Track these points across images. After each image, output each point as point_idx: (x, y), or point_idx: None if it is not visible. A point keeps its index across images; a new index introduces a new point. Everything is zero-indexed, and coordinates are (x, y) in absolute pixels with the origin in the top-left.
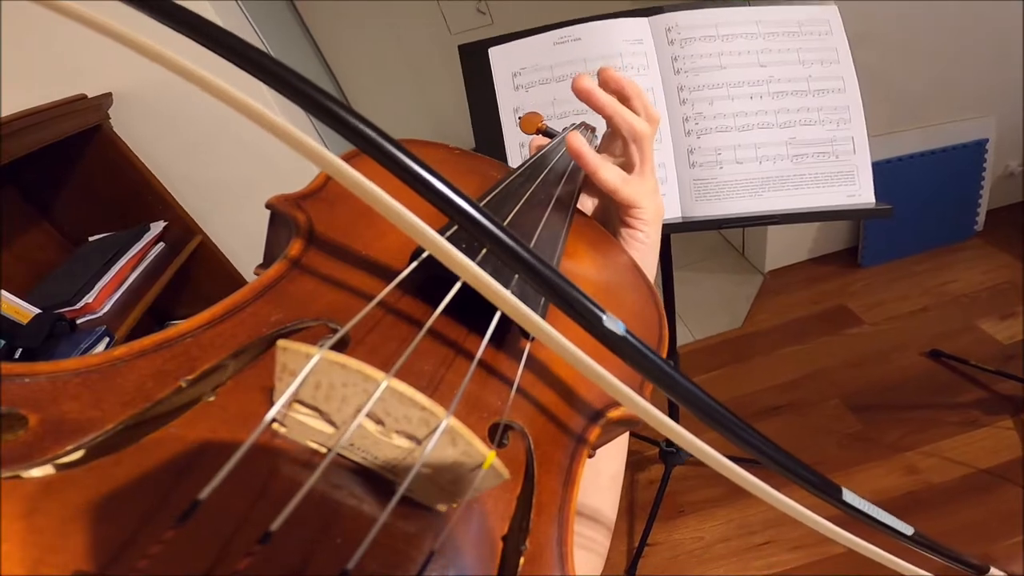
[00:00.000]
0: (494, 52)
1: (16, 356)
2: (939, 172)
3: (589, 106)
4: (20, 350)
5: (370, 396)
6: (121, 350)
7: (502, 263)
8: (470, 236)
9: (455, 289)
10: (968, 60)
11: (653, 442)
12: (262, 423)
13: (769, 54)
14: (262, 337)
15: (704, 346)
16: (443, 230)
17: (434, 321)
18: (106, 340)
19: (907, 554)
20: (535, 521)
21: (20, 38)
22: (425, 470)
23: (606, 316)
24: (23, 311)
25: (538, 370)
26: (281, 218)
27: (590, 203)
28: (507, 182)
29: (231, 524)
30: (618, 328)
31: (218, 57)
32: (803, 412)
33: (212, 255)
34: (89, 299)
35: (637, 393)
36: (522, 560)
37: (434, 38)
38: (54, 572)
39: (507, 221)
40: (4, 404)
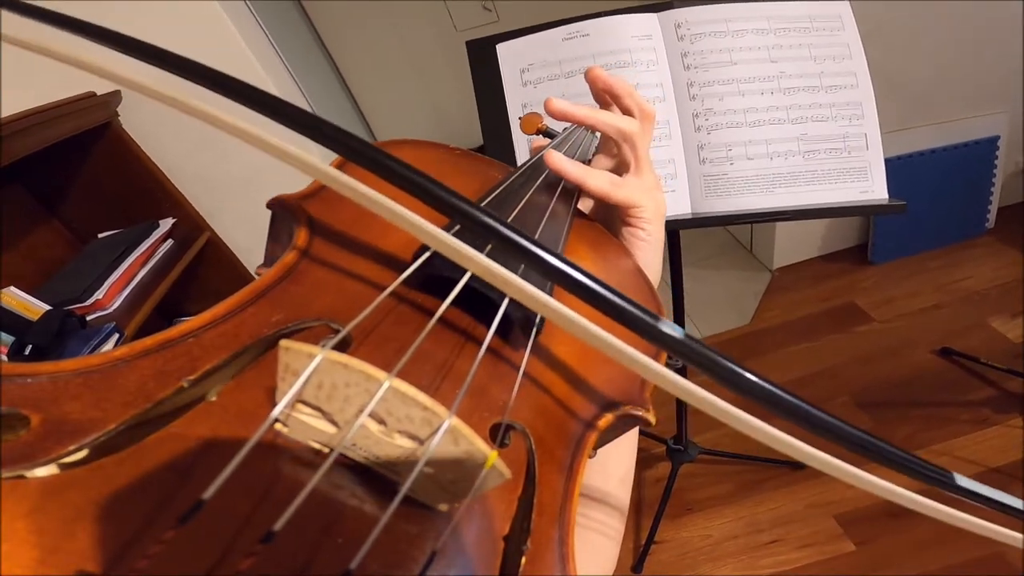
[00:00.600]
0: (502, 48)
1: (26, 353)
2: (950, 169)
3: (570, 123)
4: (30, 347)
5: (372, 396)
6: (122, 350)
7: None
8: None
9: (459, 287)
10: (980, 57)
11: (660, 440)
12: (265, 423)
13: (780, 50)
14: (264, 337)
15: (712, 343)
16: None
17: (437, 321)
18: (116, 337)
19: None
20: (537, 521)
21: (28, 35)
22: (427, 470)
23: (662, 322)
24: (33, 308)
25: (539, 371)
26: (282, 218)
27: (591, 203)
28: (507, 183)
29: (233, 524)
30: (677, 332)
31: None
32: None
33: (220, 252)
34: (99, 296)
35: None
36: (524, 560)
37: (439, 35)
38: (56, 572)
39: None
40: (5, 404)
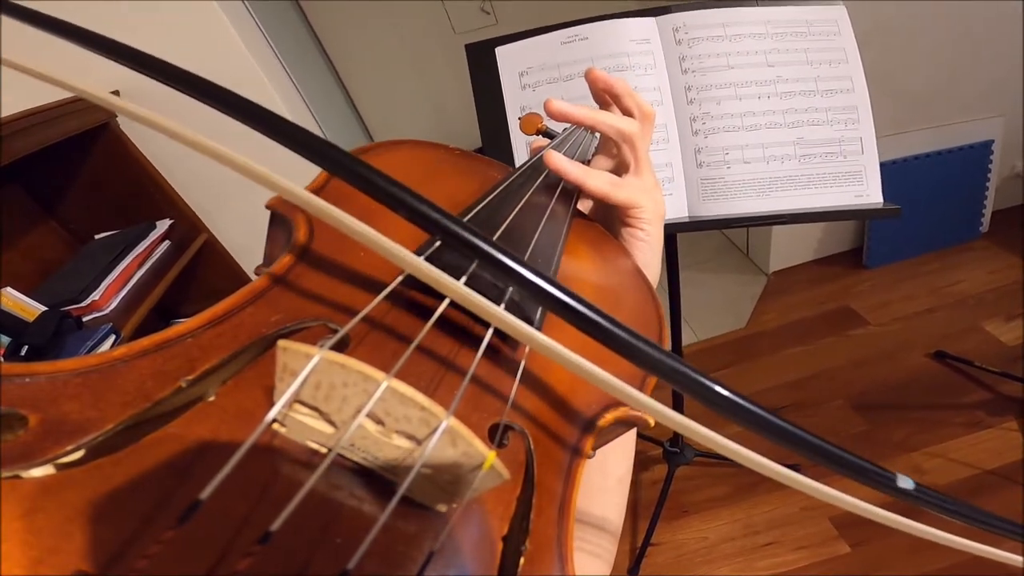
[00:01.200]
0: (501, 51)
1: (23, 353)
2: (945, 173)
3: (570, 124)
4: (26, 347)
5: (370, 396)
6: (121, 350)
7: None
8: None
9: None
10: (975, 61)
11: (657, 442)
12: (263, 423)
13: (777, 54)
14: (262, 337)
15: (708, 346)
16: (427, 247)
17: (434, 322)
18: (112, 338)
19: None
20: (535, 521)
21: (25, 35)
22: (425, 470)
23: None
24: (29, 309)
25: (538, 371)
26: (281, 218)
27: (591, 203)
28: (507, 183)
29: (231, 524)
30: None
31: None
32: (808, 412)
33: (217, 253)
34: (95, 296)
35: (639, 391)
36: (522, 560)
37: (438, 38)
38: (54, 572)
39: (506, 223)
40: (4, 404)
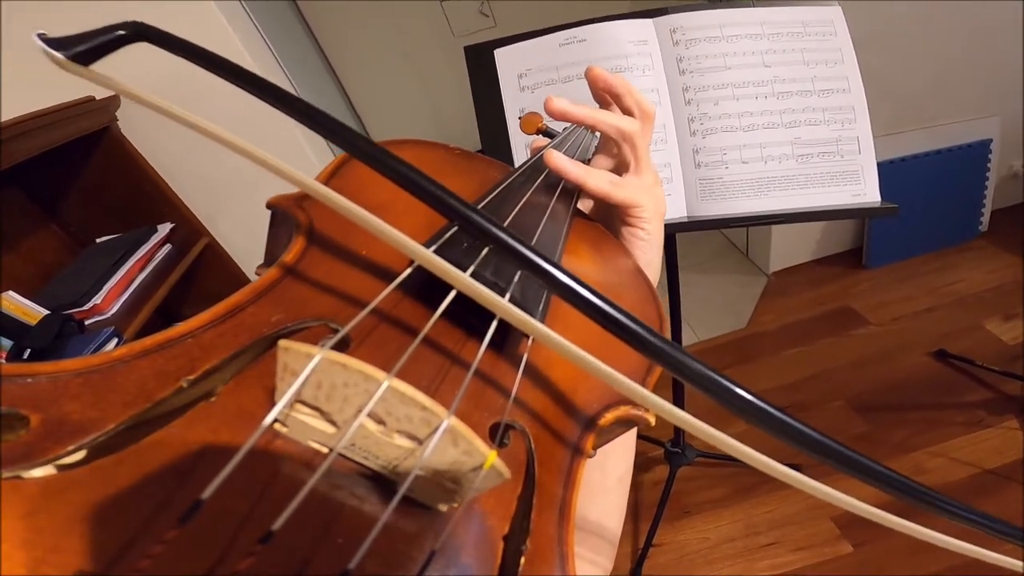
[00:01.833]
0: (500, 53)
1: (25, 357)
2: (943, 173)
3: (570, 123)
4: (29, 351)
5: (371, 396)
6: (122, 350)
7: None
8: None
9: (455, 290)
10: (972, 60)
11: (658, 442)
12: (264, 423)
13: (774, 55)
14: (263, 337)
15: (708, 347)
16: (438, 237)
17: (435, 321)
18: (115, 341)
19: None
20: (536, 521)
21: (26, 39)
22: (426, 470)
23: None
24: (32, 312)
25: (539, 370)
26: (282, 218)
27: (591, 202)
28: (507, 183)
29: (232, 524)
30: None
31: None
32: (808, 413)
33: (219, 256)
34: (97, 300)
35: (642, 386)
36: (523, 560)
37: (437, 40)
38: (56, 572)
39: (507, 222)
40: (5, 404)
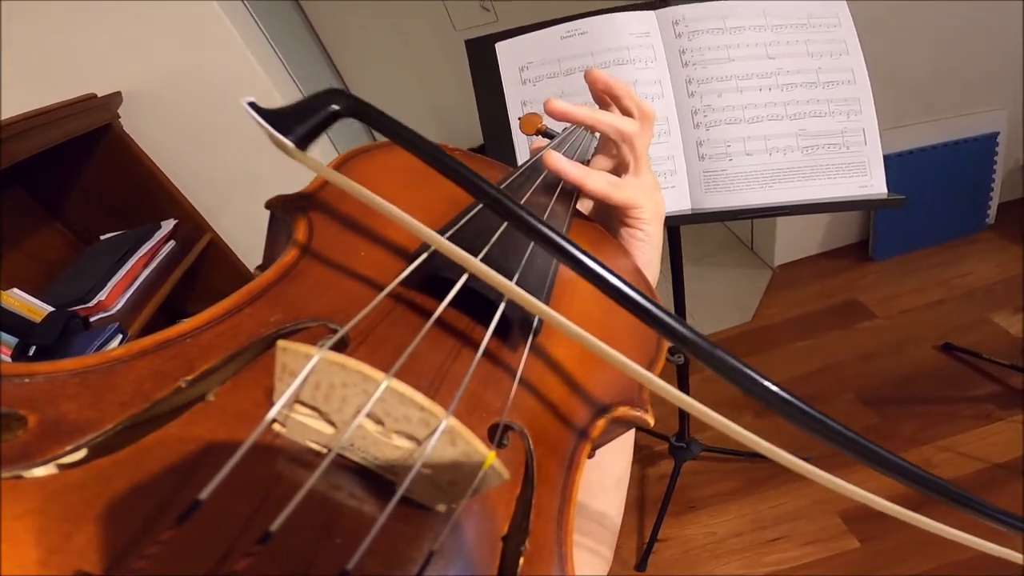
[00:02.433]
0: (501, 47)
1: (30, 354)
2: (950, 165)
3: (569, 123)
4: (34, 348)
5: (370, 396)
6: (120, 351)
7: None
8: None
9: (457, 287)
10: (979, 53)
11: (663, 437)
12: (262, 423)
13: (777, 46)
14: (261, 337)
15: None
16: (453, 224)
17: (435, 321)
18: (119, 337)
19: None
20: (535, 521)
21: (29, 37)
22: (425, 470)
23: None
24: (36, 310)
25: (538, 371)
26: (281, 219)
27: (590, 203)
28: (506, 183)
29: (231, 525)
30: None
31: None
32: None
33: (222, 252)
34: (102, 297)
35: (648, 371)
36: (522, 560)
37: (438, 35)
38: (55, 572)
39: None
40: (3, 404)
